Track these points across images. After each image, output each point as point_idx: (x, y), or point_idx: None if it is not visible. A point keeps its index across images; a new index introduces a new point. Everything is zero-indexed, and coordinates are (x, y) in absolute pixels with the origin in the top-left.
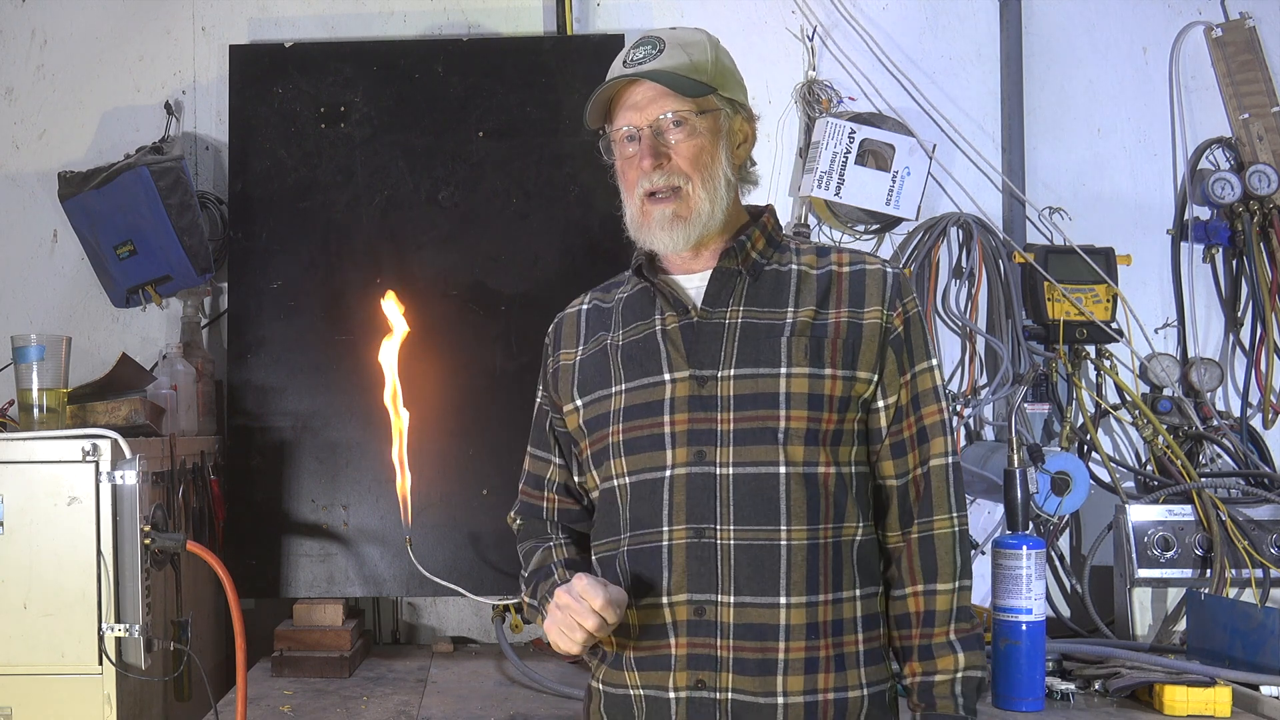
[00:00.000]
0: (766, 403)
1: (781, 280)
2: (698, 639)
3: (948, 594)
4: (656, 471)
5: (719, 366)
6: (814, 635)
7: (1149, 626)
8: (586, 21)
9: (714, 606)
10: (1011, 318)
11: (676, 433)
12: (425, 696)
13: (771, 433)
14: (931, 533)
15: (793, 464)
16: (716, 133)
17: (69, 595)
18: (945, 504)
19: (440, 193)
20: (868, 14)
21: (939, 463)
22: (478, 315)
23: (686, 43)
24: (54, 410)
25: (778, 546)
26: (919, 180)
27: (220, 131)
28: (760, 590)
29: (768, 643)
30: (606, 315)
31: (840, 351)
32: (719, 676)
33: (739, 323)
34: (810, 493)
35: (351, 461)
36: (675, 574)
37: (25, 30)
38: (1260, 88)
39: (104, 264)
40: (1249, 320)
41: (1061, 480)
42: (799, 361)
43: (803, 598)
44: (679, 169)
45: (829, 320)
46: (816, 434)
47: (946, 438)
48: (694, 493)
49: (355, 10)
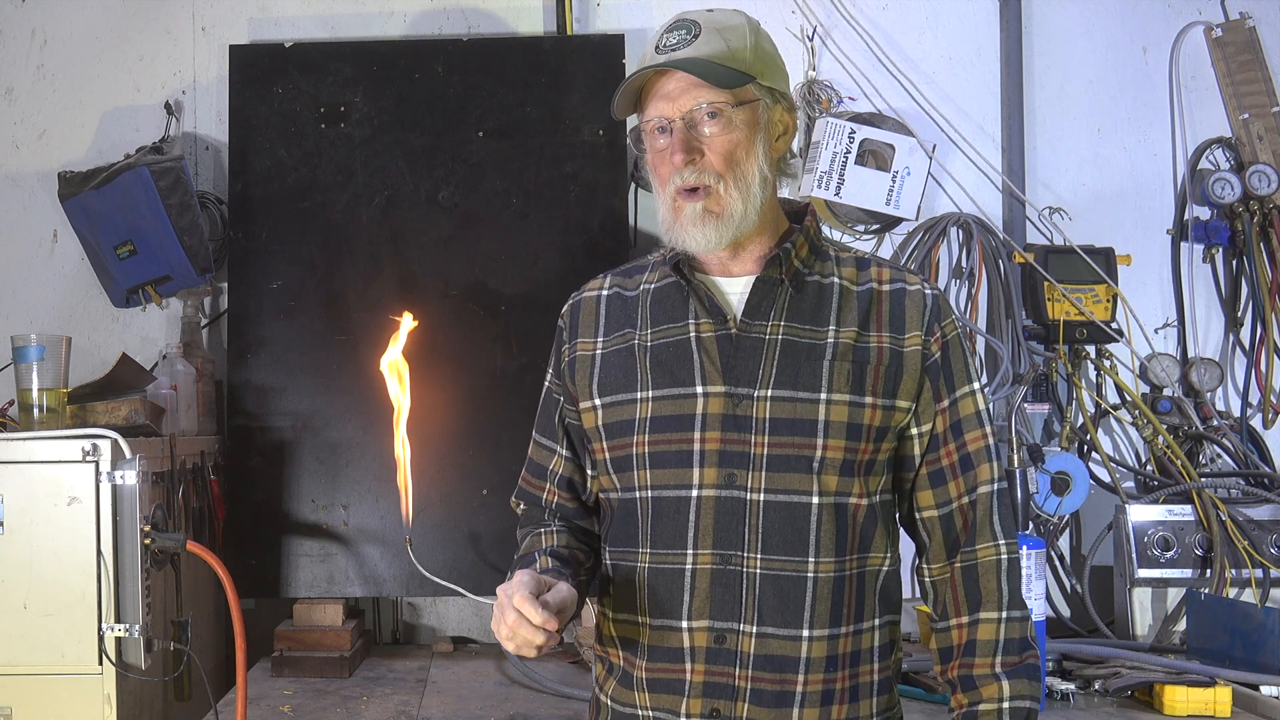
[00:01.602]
0: (804, 430)
1: (824, 295)
2: (716, 667)
3: (992, 624)
4: (682, 490)
5: (756, 385)
6: (833, 668)
7: (1149, 626)
8: (586, 21)
9: (735, 635)
10: (1011, 318)
11: (707, 451)
12: (425, 696)
13: (807, 461)
14: (975, 561)
15: (825, 494)
16: (754, 125)
17: (69, 595)
18: (990, 531)
19: (440, 193)
20: (868, 14)
21: (985, 490)
22: (478, 315)
23: (724, 26)
24: (54, 410)
25: (805, 579)
26: (919, 180)
27: (220, 131)
28: (784, 622)
29: (787, 674)
30: (631, 307)
31: (882, 380)
32: (735, 705)
33: (779, 339)
34: (840, 524)
35: (351, 461)
36: (698, 600)
37: (25, 30)
38: (1260, 88)
39: (104, 264)
40: (1249, 320)
41: (1061, 480)
42: (840, 388)
43: (825, 630)
44: (711, 166)
45: (870, 344)
46: (852, 465)
47: (993, 464)
48: (722, 517)
49: (355, 10)
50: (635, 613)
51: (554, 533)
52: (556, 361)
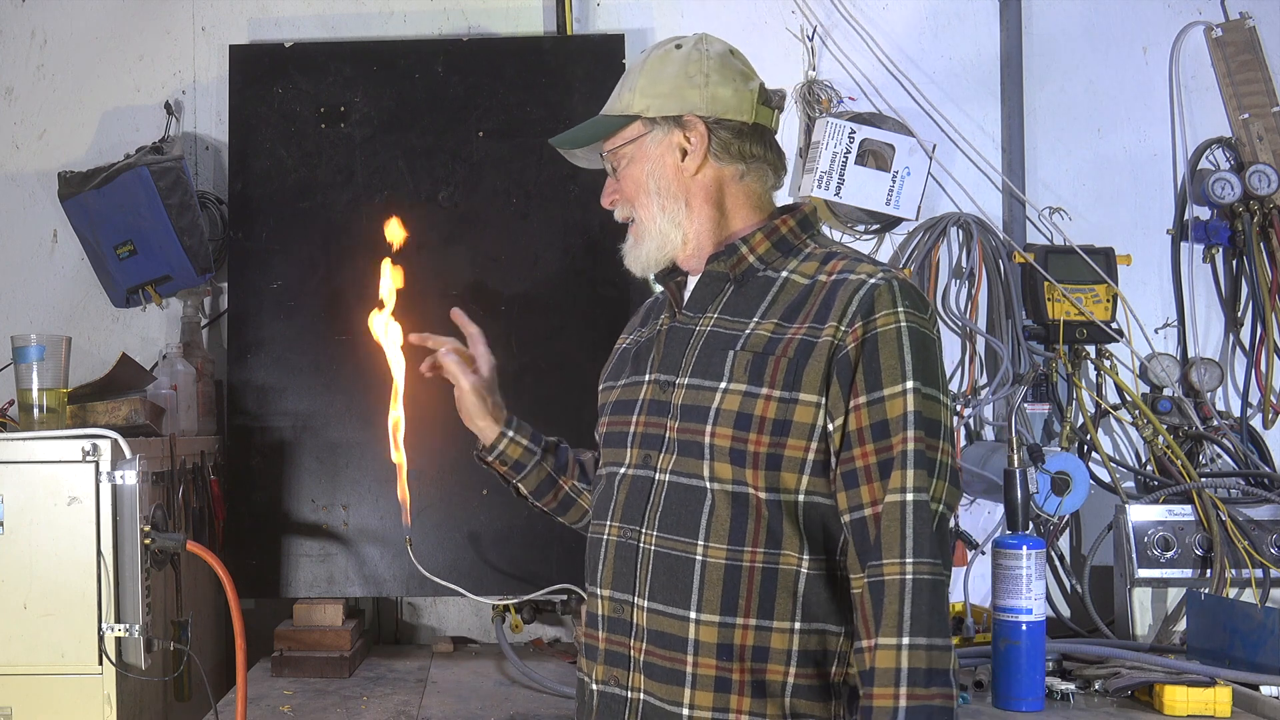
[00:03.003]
0: (699, 416)
1: (764, 289)
2: (615, 636)
3: (890, 650)
4: (616, 468)
5: (678, 373)
6: (727, 656)
7: (1149, 626)
8: (586, 21)
9: (630, 607)
10: (1011, 318)
11: (635, 433)
12: (425, 696)
13: (699, 446)
14: (881, 578)
15: (719, 481)
16: (644, 158)
17: (69, 595)
18: (898, 547)
19: (440, 193)
20: (868, 14)
21: (896, 499)
22: (478, 315)
23: (631, 70)
24: (54, 410)
25: (693, 560)
26: (919, 180)
27: (220, 131)
28: (671, 600)
29: (675, 653)
30: (650, 310)
31: (781, 371)
32: (631, 676)
33: (707, 330)
34: (736, 512)
35: (351, 461)
36: (606, 569)
37: (25, 30)
38: (1260, 88)
39: (104, 264)
40: (1249, 320)
41: (1061, 480)
42: (738, 378)
43: (715, 616)
44: (625, 200)
45: (784, 336)
46: (743, 455)
47: (909, 470)
48: (633, 494)
49: (355, 10)
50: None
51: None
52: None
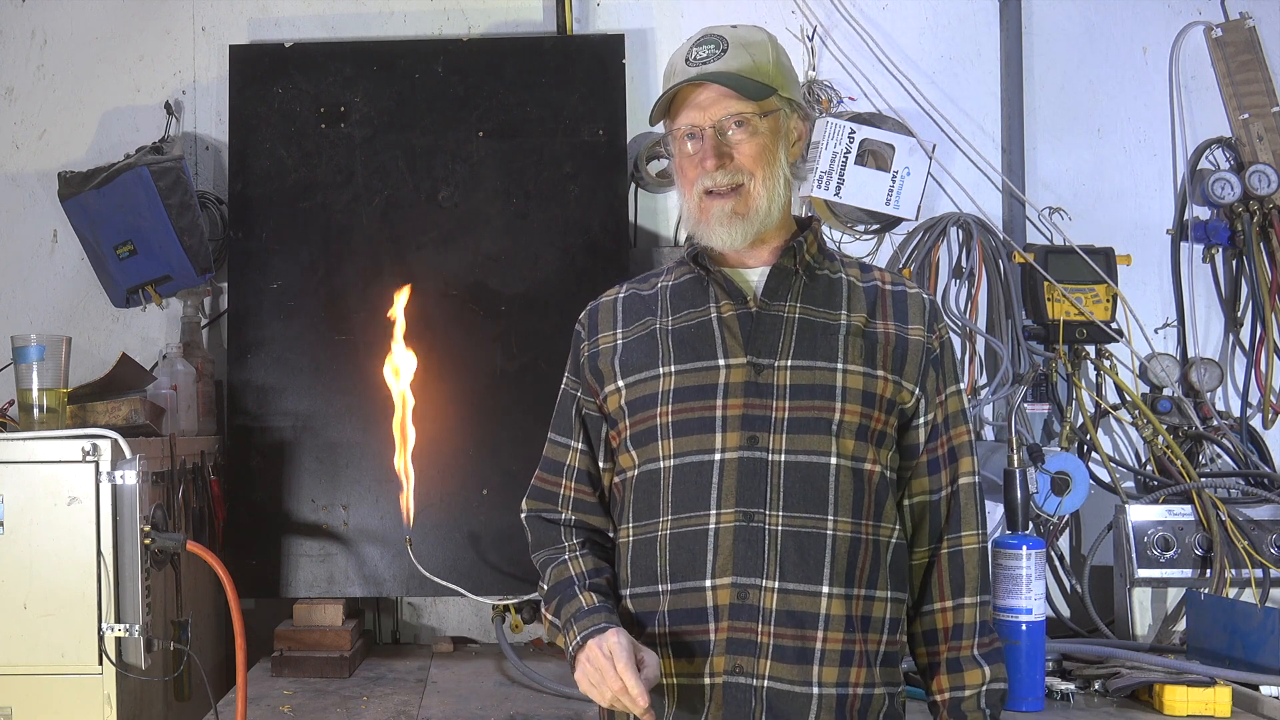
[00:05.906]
0: (823, 394)
1: (834, 286)
2: (740, 623)
3: (973, 608)
4: (705, 455)
5: (776, 356)
6: (850, 629)
7: (1149, 626)
8: (586, 21)
9: (758, 591)
10: (1011, 318)
11: (729, 416)
12: (425, 696)
13: (826, 423)
14: (960, 548)
15: (843, 456)
16: (776, 132)
17: (69, 595)
18: (973, 520)
19: (440, 193)
20: (868, 14)
21: (967, 481)
22: (478, 315)
23: (749, 42)
24: (54, 410)
25: (824, 535)
26: (919, 180)
27: (220, 131)
28: (804, 578)
29: (806, 631)
30: (650, 301)
31: (890, 358)
32: (757, 663)
33: (796, 317)
34: (857, 486)
35: (351, 461)
36: (721, 557)
37: (25, 30)
38: (1260, 88)
39: (104, 264)
40: (1249, 320)
41: (1061, 480)
42: (854, 360)
43: (842, 589)
44: (742, 166)
45: (878, 330)
46: (867, 430)
47: (973, 458)
48: (745, 477)
49: (355, 10)
50: (655, 582)
51: (579, 558)
52: (574, 362)
